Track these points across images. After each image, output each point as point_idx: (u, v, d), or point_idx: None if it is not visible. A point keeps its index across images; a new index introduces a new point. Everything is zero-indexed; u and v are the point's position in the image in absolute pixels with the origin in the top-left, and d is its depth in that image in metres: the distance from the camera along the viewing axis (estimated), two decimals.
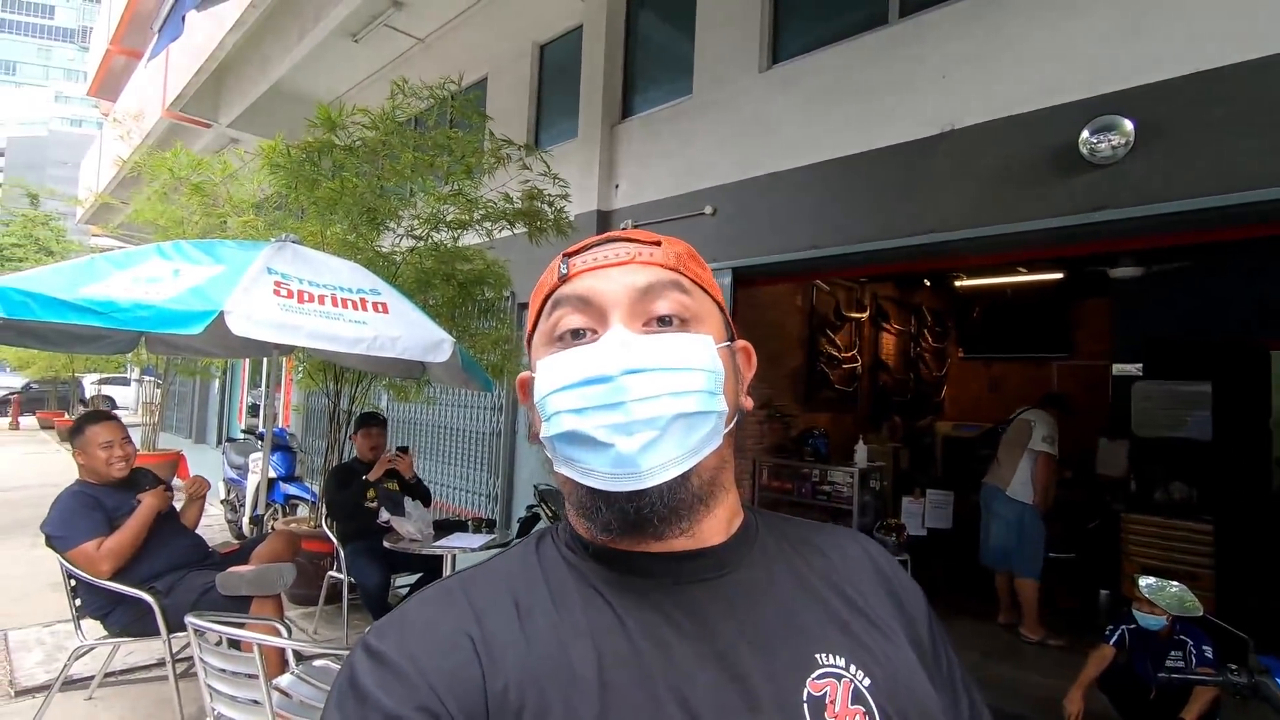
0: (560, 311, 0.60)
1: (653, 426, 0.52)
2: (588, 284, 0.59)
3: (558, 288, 0.61)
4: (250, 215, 5.00)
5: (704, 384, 0.56)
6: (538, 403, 0.57)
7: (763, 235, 4.36)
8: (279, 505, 5.56)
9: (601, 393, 0.53)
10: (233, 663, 2.11)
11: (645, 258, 0.60)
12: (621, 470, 0.53)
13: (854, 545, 0.69)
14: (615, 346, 0.55)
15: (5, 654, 3.60)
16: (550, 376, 0.57)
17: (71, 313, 2.29)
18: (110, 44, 12.45)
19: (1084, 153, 3.14)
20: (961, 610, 4.80)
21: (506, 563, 0.61)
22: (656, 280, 0.59)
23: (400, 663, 0.50)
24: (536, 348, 0.62)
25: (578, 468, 0.55)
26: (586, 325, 0.58)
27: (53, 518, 2.73)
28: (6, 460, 11.25)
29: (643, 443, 0.52)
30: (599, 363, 0.54)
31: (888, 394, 7.47)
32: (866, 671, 0.56)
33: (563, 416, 0.55)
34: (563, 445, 0.55)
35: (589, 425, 0.53)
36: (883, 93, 3.88)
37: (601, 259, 0.60)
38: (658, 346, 0.55)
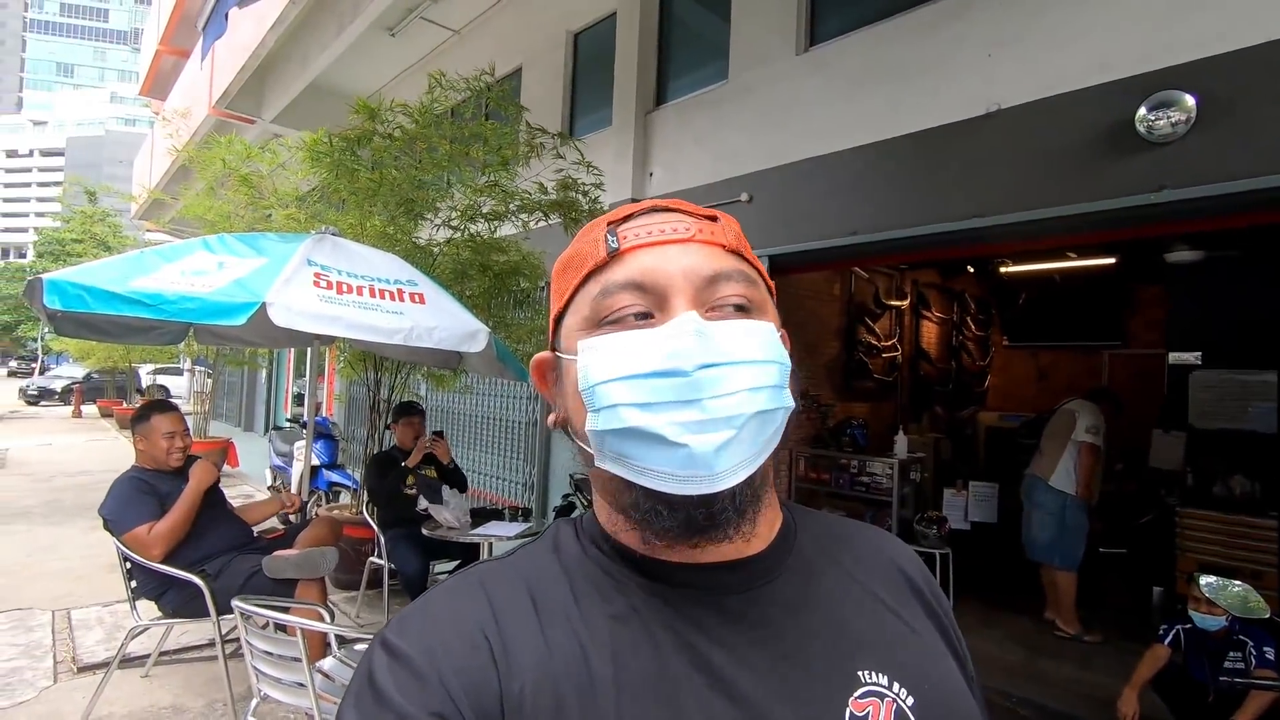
0: (610, 294, 0.53)
1: (730, 425, 0.48)
2: (644, 264, 0.53)
3: (605, 265, 0.54)
4: (293, 208, 5.12)
5: (777, 378, 0.51)
6: (585, 391, 0.51)
7: (800, 222, 4.28)
8: (322, 492, 5.71)
9: (674, 387, 0.48)
10: (277, 646, 2.16)
11: (706, 235, 0.54)
12: (693, 472, 0.48)
13: (887, 547, 0.66)
14: (689, 335, 0.49)
15: (69, 632, 3.78)
16: (605, 363, 0.50)
17: (123, 305, 2.37)
18: (159, 44, 12.85)
19: (1141, 131, 2.99)
20: (1007, 606, 4.68)
21: (527, 559, 0.57)
22: (722, 267, 0.53)
23: (418, 663, 0.48)
24: (571, 330, 0.55)
25: (633, 466, 0.49)
26: (641, 308, 0.52)
27: (109, 502, 2.84)
28: (70, 447, 11.80)
29: (719, 443, 0.47)
30: (671, 354, 0.48)
31: (929, 384, 7.30)
32: (910, 689, 0.53)
33: (622, 410, 0.49)
34: (618, 441, 0.49)
35: (658, 423, 0.47)
36: (924, 73, 3.76)
37: (658, 233, 0.54)
38: (734, 337, 0.50)
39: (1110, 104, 3.09)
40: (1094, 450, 4.23)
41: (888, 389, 6.58)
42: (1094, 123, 3.14)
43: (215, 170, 5.88)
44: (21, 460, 10.03)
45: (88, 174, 49.77)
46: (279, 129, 8.76)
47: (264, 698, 2.21)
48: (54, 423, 15.97)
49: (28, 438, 12.78)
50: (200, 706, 2.99)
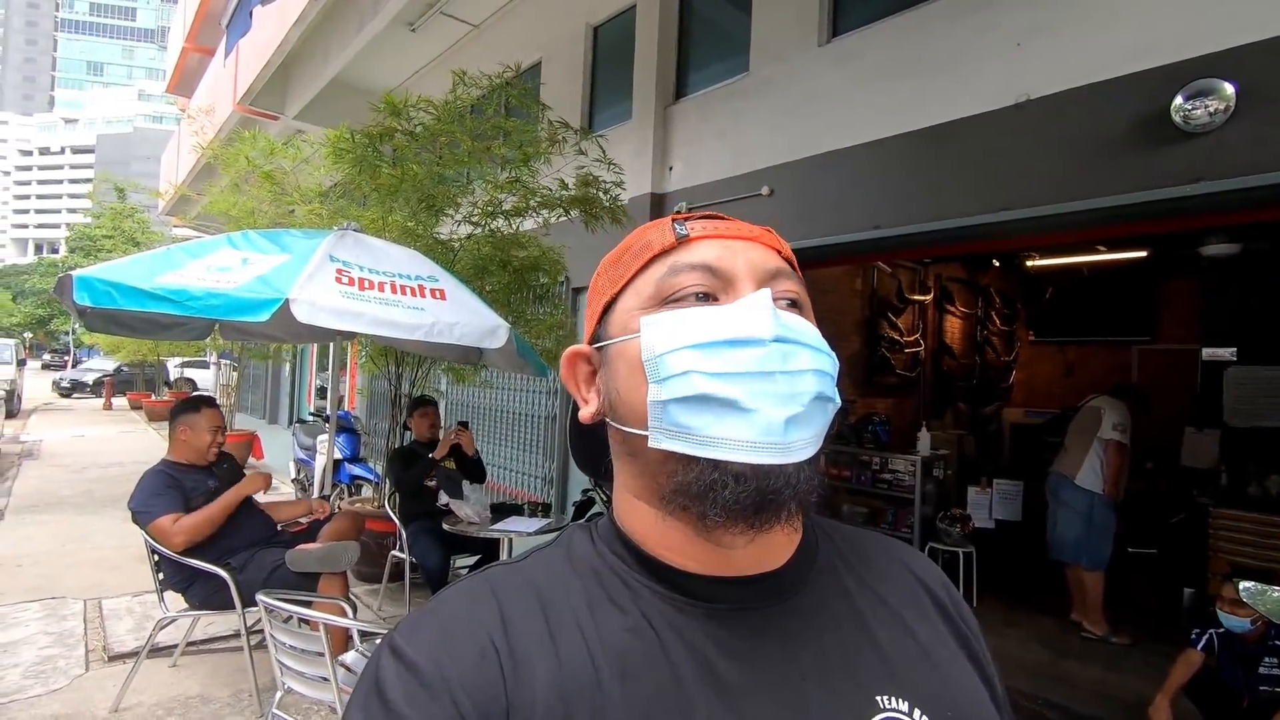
0: (678, 275, 0.54)
1: (800, 402, 0.48)
2: (714, 252, 0.54)
3: (673, 248, 0.55)
4: (316, 204, 5.16)
5: (832, 369, 0.52)
6: (649, 361, 0.50)
7: (822, 216, 4.22)
8: (344, 485, 5.77)
9: (750, 357, 0.48)
10: (301, 640, 2.19)
11: (767, 240, 0.57)
12: (768, 440, 0.47)
13: (912, 562, 0.64)
14: (766, 309, 0.50)
15: (100, 621, 3.86)
16: (674, 332, 0.50)
17: (150, 301, 2.40)
18: (185, 42, 13.04)
19: (1177, 121, 2.90)
20: (1031, 606, 4.60)
21: (540, 565, 0.56)
22: (781, 266, 0.56)
23: (427, 673, 0.47)
24: (628, 310, 0.55)
25: (698, 437, 0.48)
26: (709, 289, 0.53)
27: (136, 494, 2.90)
28: (102, 438, 12.07)
29: (791, 414, 0.47)
30: (750, 322, 0.49)
31: (952, 379, 7.20)
32: (931, 716, 0.51)
33: (695, 378, 0.48)
34: (684, 411, 0.48)
35: (733, 390, 0.47)
36: (951, 64, 3.69)
37: (724, 229, 0.56)
38: (802, 322, 0.52)
39: (1145, 93, 3.01)
40: (1121, 448, 4.13)
41: (910, 385, 6.51)
42: (1127, 113, 3.06)
43: (239, 167, 5.96)
44: (55, 451, 10.28)
45: (117, 170, 50.76)
46: (301, 125, 8.85)
47: (288, 690, 2.24)
48: (86, 414, 16.34)
49: (61, 429, 13.09)
50: (226, 696, 3.04)
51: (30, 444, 10.93)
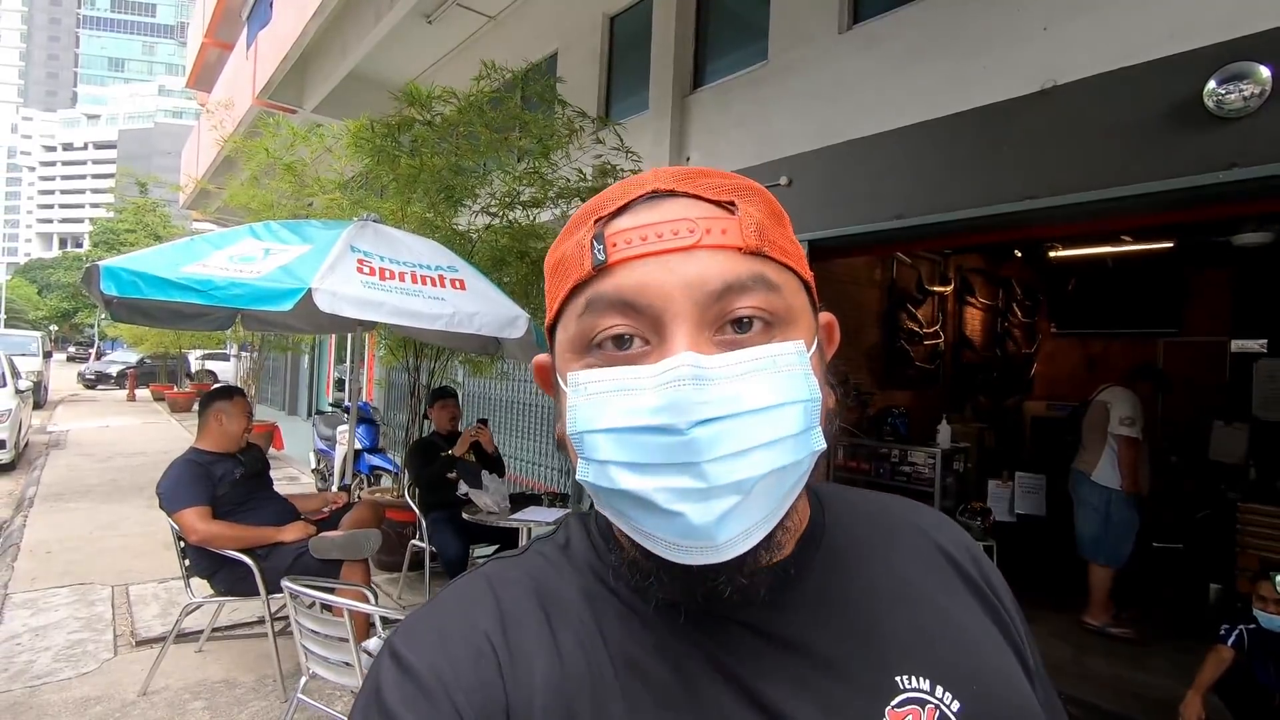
0: (597, 312, 0.45)
1: (737, 491, 0.41)
2: (636, 278, 0.44)
3: (590, 279, 0.46)
4: (336, 194, 5.19)
5: (801, 422, 0.43)
6: (572, 436, 0.45)
7: (843, 205, 4.18)
8: (364, 475, 5.82)
9: (665, 447, 0.40)
10: (325, 626, 2.21)
11: (716, 237, 0.44)
12: (692, 543, 0.42)
13: (928, 525, 0.59)
14: (684, 385, 0.40)
15: (127, 606, 3.94)
16: (589, 408, 0.43)
17: (174, 290, 2.43)
18: (204, 37, 13.15)
19: (1210, 105, 2.83)
20: (1054, 602, 4.54)
21: (538, 559, 0.54)
22: (735, 277, 0.44)
23: (425, 678, 0.45)
24: (562, 348, 0.48)
25: (630, 525, 0.44)
26: (633, 332, 0.44)
27: (165, 482, 2.93)
28: (126, 429, 12.27)
29: (722, 511, 0.40)
30: (660, 407, 0.41)
31: (972, 372, 7.12)
32: (956, 693, 0.48)
33: (610, 469, 0.42)
34: (609, 498, 0.44)
35: (648, 487, 0.41)
36: (975, 49, 3.62)
37: (654, 239, 0.44)
38: (743, 379, 0.42)
39: (1176, 78, 2.93)
40: (1132, 443, 4.03)
41: (930, 377, 6.44)
42: (1158, 98, 2.98)
43: (260, 160, 6.00)
44: (81, 441, 10.47)
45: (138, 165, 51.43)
46: (320, 118, 8.89)
47: (312, 675, 2.26)
48: (110, 405, 16.63)
49: (86, 420, 13.33)
50: (251, 681, 3.09)
51: (57, 434, 11.14)
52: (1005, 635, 0.54)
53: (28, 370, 12.53)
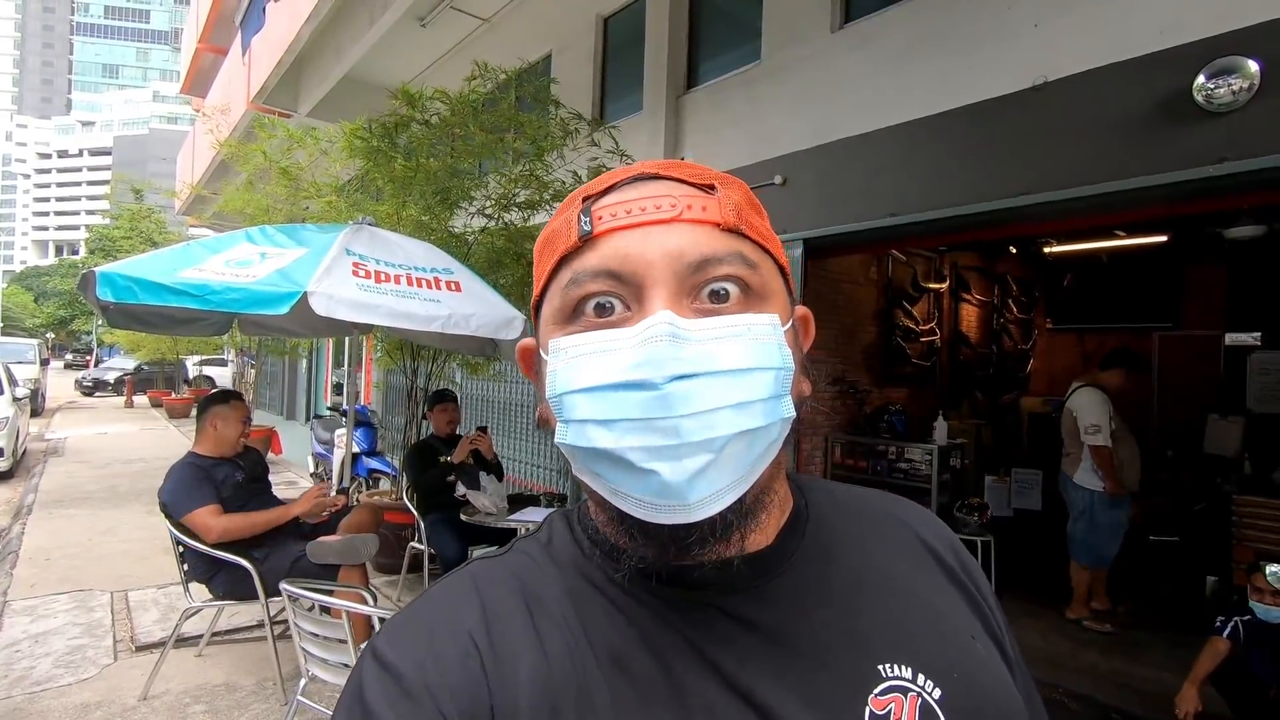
0: (580, 283, 0.47)
1: (708, 450, 0.42)
2: (619, 248, 0.46)
3: (576, 250, 0.47)
4: (332, 197, 5.20)
5: (772, 388, 0.44)
6: (551, 399, 0.46)
7: (838, 204, 4.19)
8: (362, 479, 5.83)
9: (641, 403, 0.42)
10: (323, 628, 2.21)
11: (696, 213, 0.46)
12: (665, 501, 0.42)
13: (910, 518, 0.60)
14: (661, 341, 0.42)
15: (127, 612, 3.94)
16: (569, 370, 0.45)
17: (170, 295, 2.43)
18: (198, 42, 13.13)
19: (1199, 100, 2.85)
20: (1052, 595, 4.56)
21: (521, 557, 0.54)
22: (713, 251, 0.46)
23: (408, 678, 0.45)
24: (546, 322, 0.50)
25: (606, 486, 0.45)
26: (615, 298, 0.46)
27: (168, 487, 2.93)
28: (124, 435, 12.26)
29: (694, 469, 0.42)
30: (638, 362, 0.42)
31: (969, 368, 7.14)
32: (937, 681, 0.48)
33: (588, 428, 0.43)
34: (586, 459, 0.45)
35: (623, 445, 0.42)
36: (967, 46, 3.64)
37: (637, 212, 0.46)
38: (718, 342, 0.43)
39: (1166, 73, 2.95)
40: (1101, 451, 3.98)
41: (926, 374, 6.45)
42: (1148, 93, 3.00)
43: (256, 163, 6.00)
44: (79, 448, 10.46)
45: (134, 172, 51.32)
46: (315, 122, 8.88)
47: (312, 678, 2.27)
48: (108, 412, 16.61)
49: (84, 427, 13.31)
50: (251, 685, 3.09)
51: (55, 441, 11.13)
52: (985, 625, 0.55)
53: (25, 377, 12.52)
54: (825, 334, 5.35)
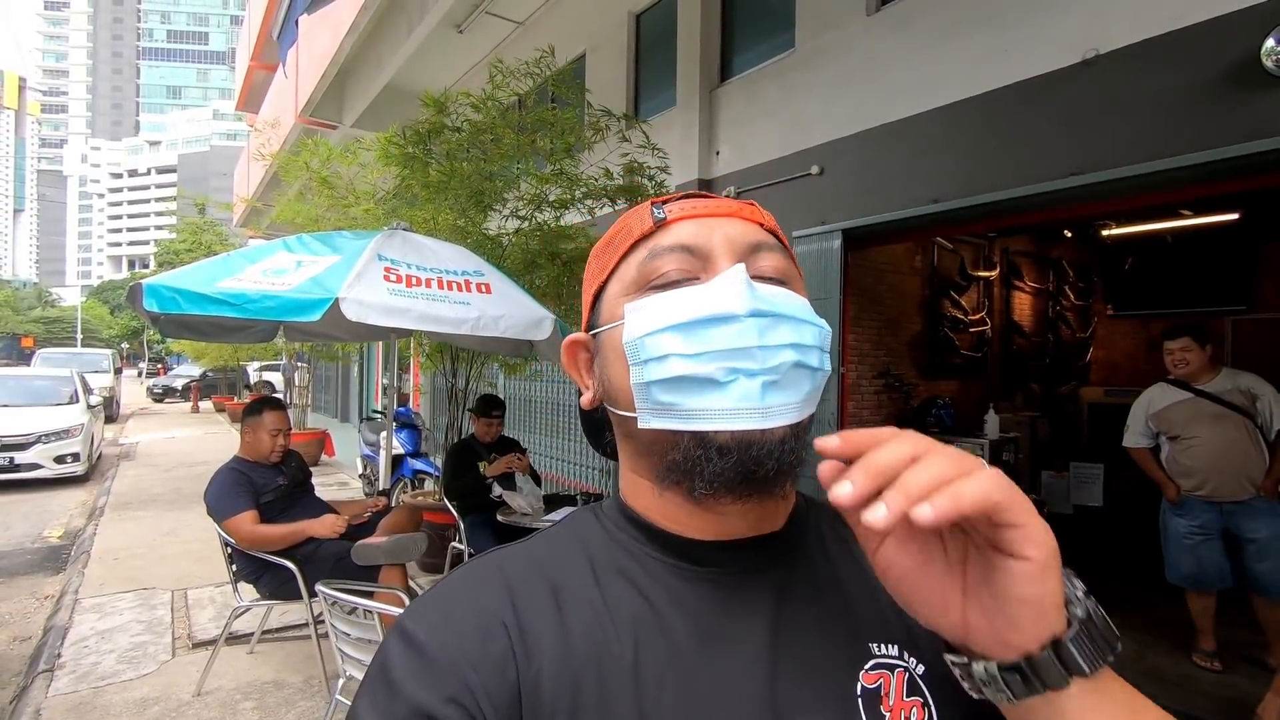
0: (657, 259, 0.54)
1: (777, 373, 0.48)
2: (690, 230, 0.55)
3: (652, 233, 0.56)
4: (372, 205, 5.31)
5: (820, 339, 0.52)
6: (629, 344, 0.51)
7: (877, 192, 4.06)
8: (407, 479, 5.94)
9: (725, 334, 0.48)
10: (360, 629, 2.24)
11: (747, 214, 0.57)
12: (745, 406, 0.48)
13: None
14: (740, 284, 0.49)
15: (185, 610, 4.10)
16: (653, 315, 0.51)
17: (211, 305, 2.50)
18: (251, 60, 13.65)
19: (1268, 66, 2.65)
20: (1117, 596, 4.33)
21: (546, 544, 0.57)
22: (760, 239, 0.55)
23: (432, 651, 0.48)
24: (614, 298, 0.56)
25: (681, 412, 0.49)
26: (688, 273, 0.53)
27: (211, 489, 3.04)
28: (190, 439, 12.84)
29: (766, 381, 0.48)
30: (723, 299, 0.49)
31: (1023, 359, 6.85)
32: (920, 658, 0.52)
33: (672, 360, 0.49)
34: (664, 391, 0.50)
35: (708, 368, 0.48)
36: (1010, 22, 3.47)
37: (702, 208, 0.56)
38: (781, 294, 0.52)
39: (1229, 38, 2.75)
40: (1134, 454, 3.57)
41: (976, 366, 6.22)
42: (1210, 61, 2.81)
43: (300, 175, 6.18)
44: (149, 452, 11.00)
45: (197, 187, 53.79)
46: (360, 132, 9.13)
47: (349, 677, 2.30)
48: (176, 418, 17.44)
49: (154, 432, 14.00)
50: (299, 682, 3.18)
51: (127, 446, 11.73)
52: None
53: (100, 386, 13.24)
54: (869, 327, 5.20)
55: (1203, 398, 3.31)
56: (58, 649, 3.52)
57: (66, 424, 8.51)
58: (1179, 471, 3.39)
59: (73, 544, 5.75)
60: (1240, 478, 3.20)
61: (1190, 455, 3.33)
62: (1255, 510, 3.17)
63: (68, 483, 8.43)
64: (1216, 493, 3.25)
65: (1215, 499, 3.26)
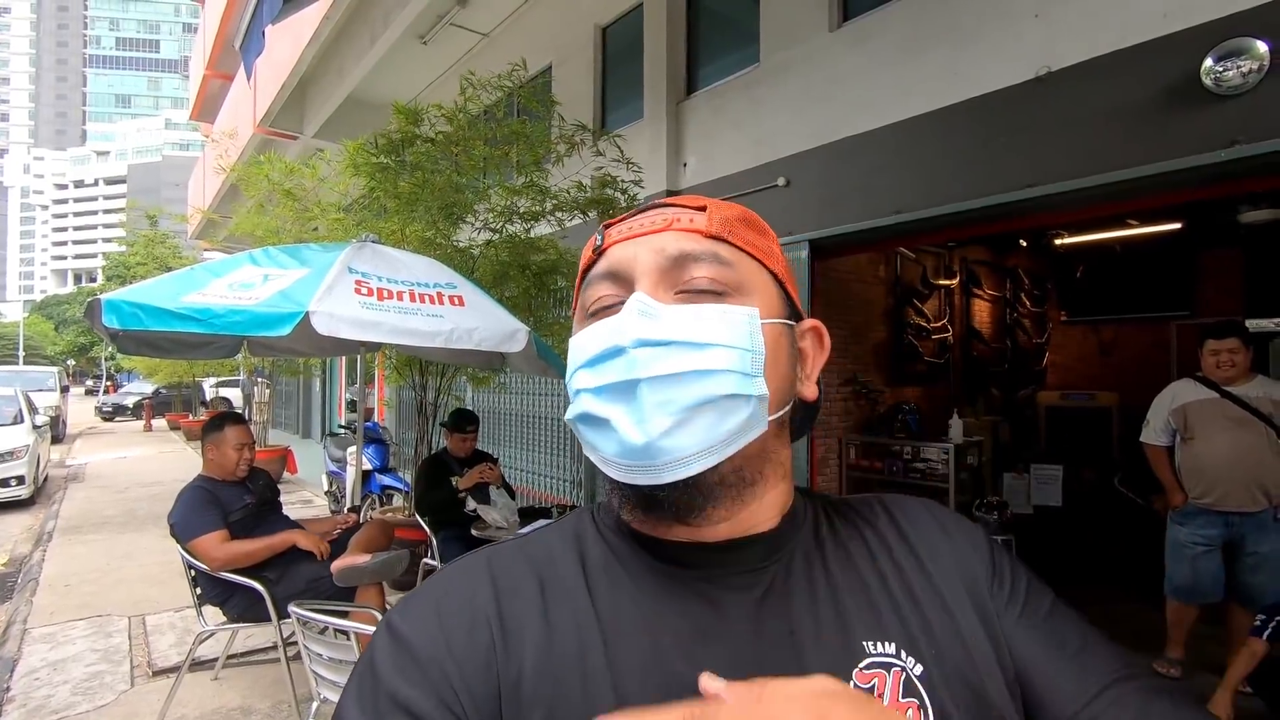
0: (593, 287, 0.55)
1: (666, 412, 0.46)
2: (618, 255, 0.54)
3: (593, 262, 0.57)
4: (340, 216, 5.23)
5: (735, 363, 0.48)
6: (567, 381, 0.54)
7: (841, 203, 4.16)
8: (375, 495, 5.83)
9: (614, 366, 0.48)
10: (335, 650, 2.19)
11: (684, 224, 0.54)
12: (635, 462, 0.47)
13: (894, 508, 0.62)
14: (632, 315, 0.49)
15: (144, 637, 3.95)
16: (573, 352, 0.53)
17: (175, 320, 2.43)
18: (206, 69, 13.32)
19: (1208, 84, 2.80)
20: (1075, 594, 4.46)
21: (539, 542, 0.57)
22: (691, 249, 0.52)
23: (418, 647, 0.49)
24: (575, 327, 0.58)
25: (596, 455, 0.51)
26: (616, 299, 0.53)
27: (177, 509, 2.93)
28: (143, 459, 12.38)
29: (658, 430, 0.46)
30: (612, 333, 0.49)
31: (983, 364, 7.05)
32: (919, 658, 0.51)
33: (581, 397, 0.50)
34: (581, 428, 0.51)
35: (600, 406, 0.48)
36: (967, 39, 3.60)
37: (636, 228, 0.55)
38: (682, 317, 0.49)
39: (1172, 57, 2.91)
40: (1148, 451, 3.42)
41: (940, 372, 6.38)
42: (1155, 78, 2.96)
43: (261, 187, 6.06)
44: (99, 473, 10.57)
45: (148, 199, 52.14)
46: (321, 143, 8.99)
47: (324, 700, 2.25)
48: (127, 436, 16.79)
49: (104, 452, 13.46)
50: (266, 708, 3.08)
51: (75, 467, 11.26)
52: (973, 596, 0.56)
53: (45, 405, 12.69)
54: (836, 335, 5.26)
55: (1228, 399, 3.13)
56: (6, 682, 3.35)
57: (10, 445, 8.13)
58: (1188, 476, 3.23)
59: (19, 571, 5.49)
60: (1252, 487, 3.05)
61: (1202, 458, 3.17)
62: (1263, 524, 3.05)
63: (11, 507, 8.06)
64: (1223, 501, 3.10)
65: (1221, 508, 3.11)
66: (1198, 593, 3.24)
